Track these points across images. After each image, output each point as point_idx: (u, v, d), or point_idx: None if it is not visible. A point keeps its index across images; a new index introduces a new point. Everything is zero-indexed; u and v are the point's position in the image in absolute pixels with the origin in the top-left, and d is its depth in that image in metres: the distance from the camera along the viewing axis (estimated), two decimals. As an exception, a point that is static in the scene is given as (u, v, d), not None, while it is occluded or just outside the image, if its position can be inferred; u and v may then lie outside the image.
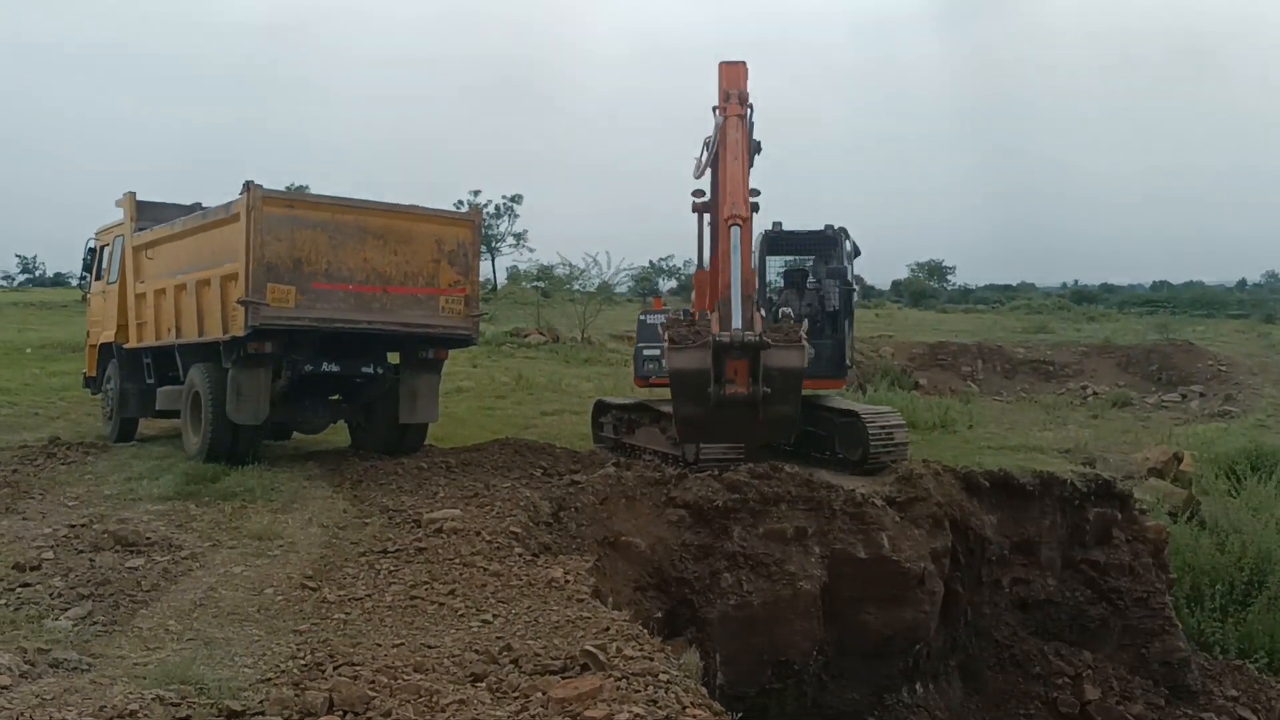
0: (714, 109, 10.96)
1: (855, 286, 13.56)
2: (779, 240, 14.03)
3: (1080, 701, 13.09)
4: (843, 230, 13.66)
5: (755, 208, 13.62)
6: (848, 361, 13.59)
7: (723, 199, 10.42)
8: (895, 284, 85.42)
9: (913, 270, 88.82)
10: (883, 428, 13.09)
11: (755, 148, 11.47)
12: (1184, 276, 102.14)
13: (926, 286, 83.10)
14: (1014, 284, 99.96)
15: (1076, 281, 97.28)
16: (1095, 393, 32.88)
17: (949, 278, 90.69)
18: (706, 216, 12.97)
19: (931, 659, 13.01)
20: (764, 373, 9.42)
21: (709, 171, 12.09)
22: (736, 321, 9.55)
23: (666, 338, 9.91)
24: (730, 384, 9.54)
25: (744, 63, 11.23)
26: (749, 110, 11.00)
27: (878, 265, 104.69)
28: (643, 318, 14.72)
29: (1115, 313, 59.70)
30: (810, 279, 13.99)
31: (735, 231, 9.97)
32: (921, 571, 12.10)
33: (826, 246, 13.76)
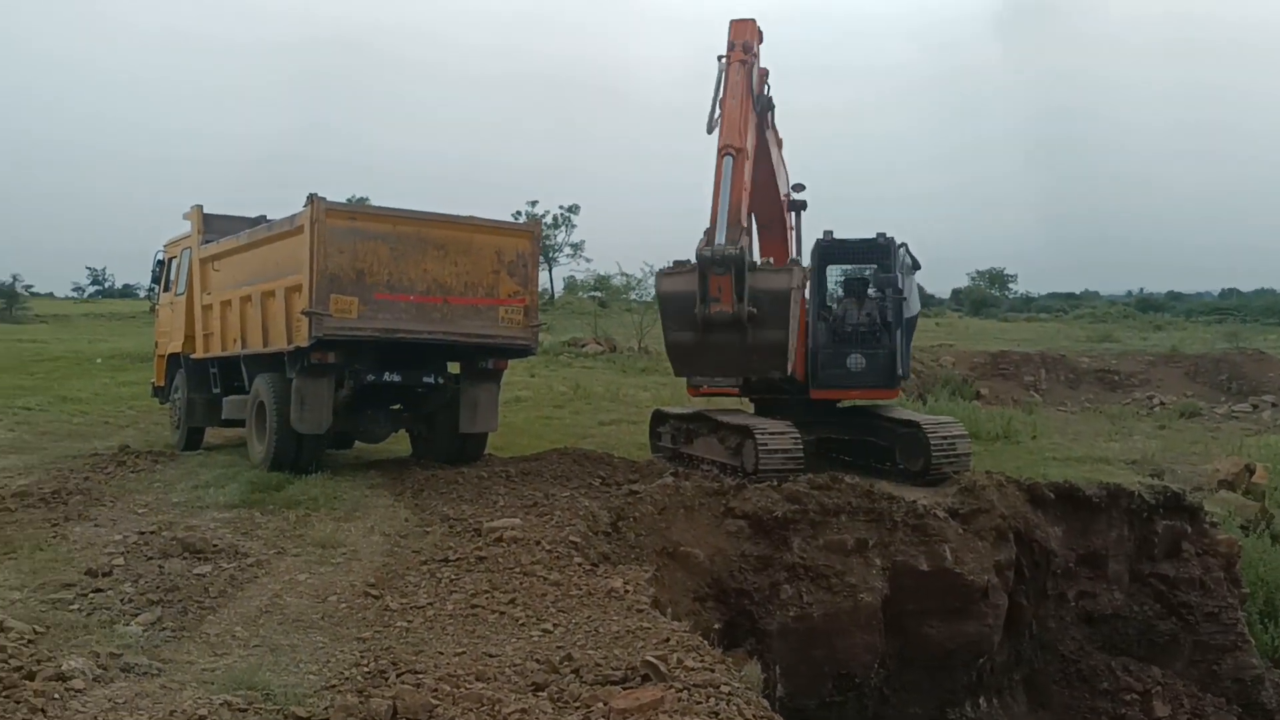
0: (719, 58, 11.07)
1: (905, 296, 13.42)
2: (831, 249, 13.94)
3: (1150, 719, 12.81)
4: (903, 245, 13.55)
5: (803, 205, 13.62)
6: (900, 371, 13.45)
7: (720, 132, 10.56)
8: (956, 292, 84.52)
9: (973, 278, 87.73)
10: (945, 438, 12.93)
11: (766, 102, 11.55)
12: (1254, 284, 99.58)
13: (988, 295, 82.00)
14: (1077, 292, 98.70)
15: (1142, 289, 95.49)
16: (1162, 403, 32.20)
17: (1010, 286, 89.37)
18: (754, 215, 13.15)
19: (995, 673, 12.82)
20: (751, 294, 9.63)
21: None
22: (720, 239, 9.70)
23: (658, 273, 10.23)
24: (715, 302, 9.68)
25: (753, 20, 11.34)
26: (755, 61, 11.08)
27: (938, 273, 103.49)
28: None
29: (1183, 321, 58.56)
30: (871, 289, 13.88)
31: (728, 161, 10.22)
32: (985, 584, 11.94)
33: (880, 255, 13.65)
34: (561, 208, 69.51)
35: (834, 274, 14.30)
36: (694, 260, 10.35)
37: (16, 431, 15.64)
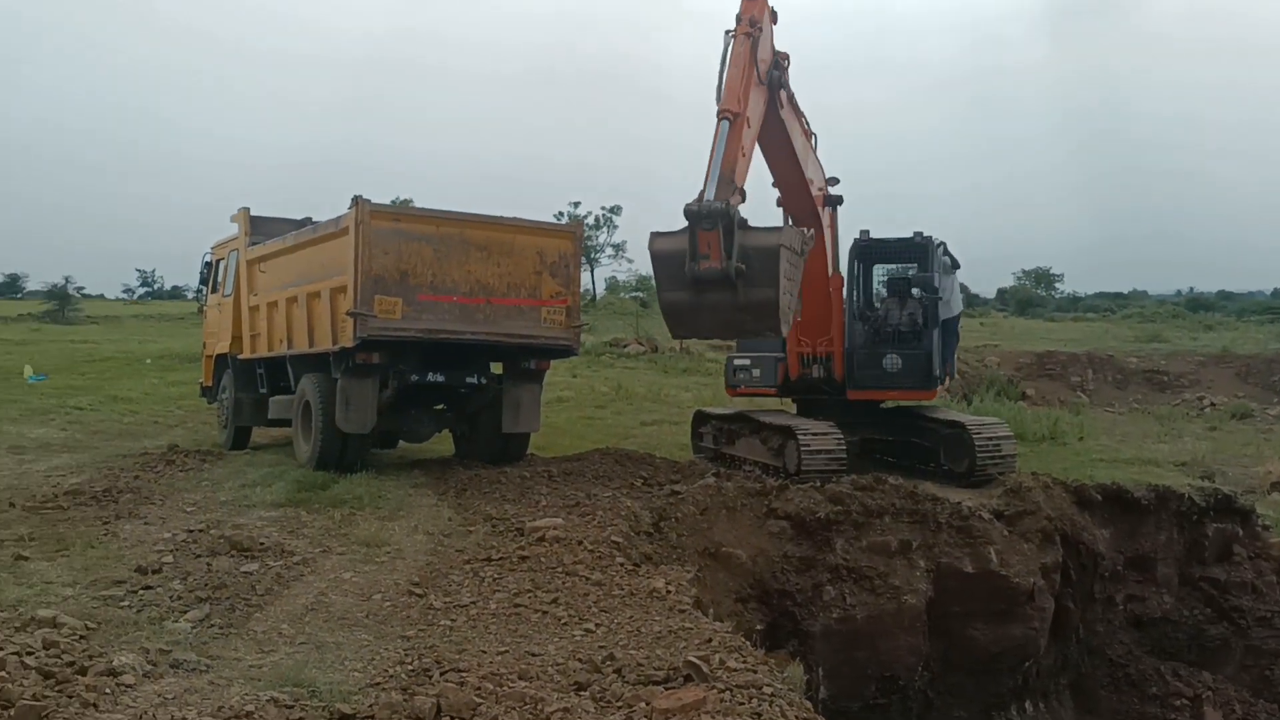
0: (726, 32, 11.15)
1: (942, 295, 13.31)
2: (869, 249, 13.86)
3: (1200, 725, 12.62)
4: (942, 244, 13.44)
5: (839, 199, 13.55)
6: (937, 372, 13.31)
7: (721, 98, 10.59)
8: (1001, 292, 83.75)
9: (1019, 278, 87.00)
10: (990, 439, 12.82)
11: (777, 80, 11.58)
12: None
13: (1033, 294, 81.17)
14: (1125, 291, 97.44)
15: (1192, 289, 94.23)
16: (1213, 404, 31.56)
17: (1057, 285, 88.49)
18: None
19: (1042, 677, 12.69)
20: (740, 252, 9.68)
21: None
22: (710, 195, 9.74)
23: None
24: (705, 259, 9.74)
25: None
26: (760, 35, 11.09)
27: (983, 273, 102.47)
28: None
29: (1234, 321, 57.45)
30: (915, 288, 13.77)
31: (724, 124, 10.26)
32: (1031, 587, 11.82)
33: (918, 254, 13.55)
34: (603, 208, 69.83)
35: (879, 274, 14.23)
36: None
37: (69, 431, 15.90)
